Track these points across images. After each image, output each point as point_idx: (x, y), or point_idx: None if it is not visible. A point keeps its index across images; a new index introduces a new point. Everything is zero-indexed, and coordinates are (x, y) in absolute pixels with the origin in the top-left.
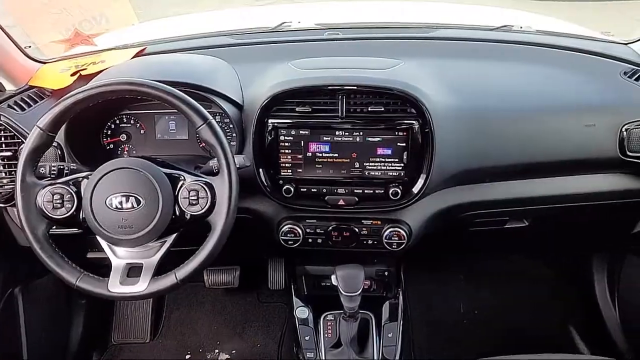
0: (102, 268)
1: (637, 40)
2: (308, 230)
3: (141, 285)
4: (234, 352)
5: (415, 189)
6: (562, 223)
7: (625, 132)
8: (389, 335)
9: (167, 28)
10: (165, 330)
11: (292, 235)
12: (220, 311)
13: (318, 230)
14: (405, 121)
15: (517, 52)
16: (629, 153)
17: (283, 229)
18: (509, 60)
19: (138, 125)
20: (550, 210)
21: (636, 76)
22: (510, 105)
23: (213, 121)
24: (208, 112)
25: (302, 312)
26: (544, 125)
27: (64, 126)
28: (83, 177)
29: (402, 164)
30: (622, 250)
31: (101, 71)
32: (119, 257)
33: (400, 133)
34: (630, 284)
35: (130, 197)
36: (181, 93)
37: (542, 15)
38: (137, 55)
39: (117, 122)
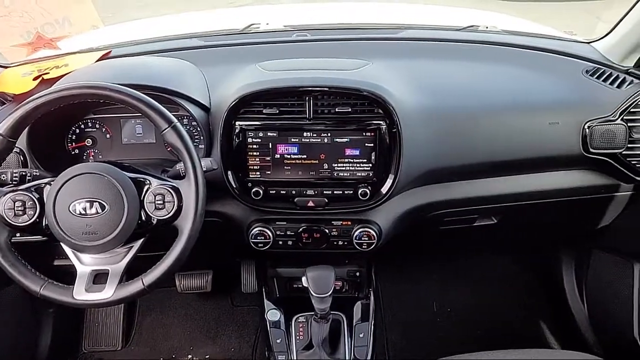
0: (70, 275)
1: (599, 39)
2: (278, 233)
3: (107, 292)
4: (207, 357)
5: (384, 189)
6: (530, 220)
7: (587, 130)
8: (361, 335)
9: (133, 31)
10: (137, 336)
11: (262, 237)
12: (193, 316)
13: (288, 232)
14: (373, 122)
15: (483, 52)
16: (591, 150)
17: (253, 232)
18: (475, 60)
19: (104, 129)
20: (517, 207)
21: (597, 74)
22: (476, 104)
23: (178, 124)
24: (174, 115)
25: (273, 314)
26: (509, 124)
27: (26, 131)
28: (46, 184)
29: (371, 165)
30: (588, 245)
31: (64, 75)
32: (84, 263)
33: (368, 133)
34: (597, 278)
35: (95, 203)
36: (145, 96)
37: (508, 16)
38: (101, 58)
39: (82, 126)
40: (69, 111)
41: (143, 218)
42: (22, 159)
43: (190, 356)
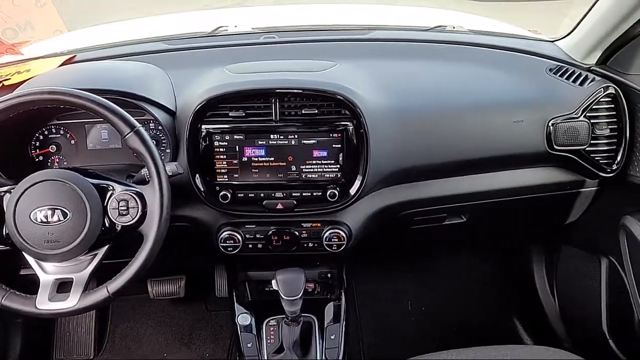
0: (35, 285)
1: (562, 38)
2: (247, 236)
3: (71, 301)
4: None
5: (352, 190)
6: (498, 217)
7: (551, 127)
8: (332, 337)
9: (98, 35)
10: (110, 345)
11: (232, 241)
12: (166, 322)
13: (258, 236)
14: (340, 123)
15: (450, 52)
16: (556, 147)
17: (222, 236)
18: (442, 60)
19: (68, 135)
20: (485, 205)
21: (561, 72)
22: (442, 104)
23: (141, 129)
24: (139, 120)
25: (244, 318)
26: (475, 123)
27: None
28: (5, 192)
29: (338, 166)
30: (558, 241)
31: (26, 80)
32: (48, 272)
33: (335, 135)
34: (567, 273)
35: (56, 210)
36: (106, 101)
37: (476, 16)
38: (65, 63)
39: (46, 132)
40: (31, 117)
41: (107, 225)
42: None
43: None
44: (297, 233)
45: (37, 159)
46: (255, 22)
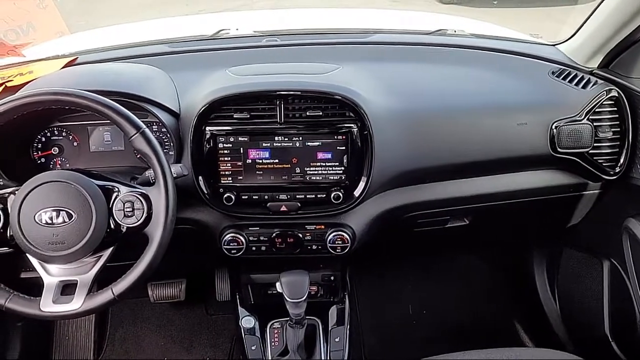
0: (38, 287)
1: (563, 42)
2: (251, 238)
3: (76, 303)
4: None
5: (357, 192)
6: (501, 220)
7: (555, 130)
8: (336, 339)
9: (100, 38)
10: (110, 348)
11: (235, 244)
12: (166, 326)
13: (261, 238)
14: (344, 125)
15: (452, 55)
16: (559, 149)
17: (226, 238)
18: (444, 63)
19: (70, 137)
20: (488, 208)
21: (563, 75)
22: (446, 106)
23: (147, 130)
24: (143, 121)
25: (247, 321)
26: (479, 125)
27: None
28: (9, 193)
29: (343, 168)
30: (559, 244)
31: (28, 82)
32: (52, 274)
33: (340, 137)
34: (568, 276)
35: (61, 212)
36: (112, 102)
37: (476, 20)
38: (67, 65)
39: (48, 134)
40: (34, 119)
41: (112, 226)
42: None
43: None
44: (300, 235)
45: (39, 161)
46: (257, 25)
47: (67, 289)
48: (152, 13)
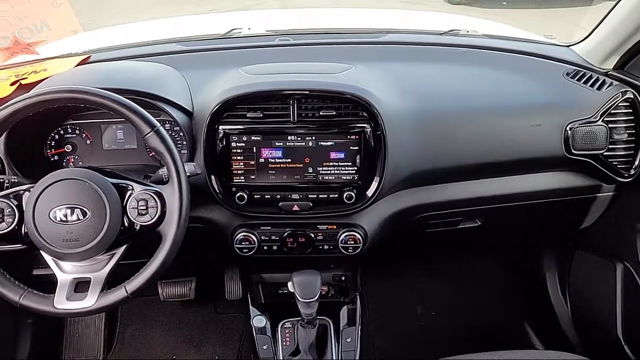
0: (50, 285)
1: (578, 43)
2: (263, 238)
3: (89, 300)
4: None
5: (369, 192)
6: (513, 221)
7: (569, 131)
8: (348, 340)
9: (113, 36)
10: (119, 346)
11: (247, 243)
12: (176, 324)
13: (273, 237)
14: (357, 125)
15: (465, 55)
16: (573, 151)
17: (237, 237)
18: (457, 63)
19: (84, 135)
20: (501, 209)
21: (578, 76)
22: (459, 106)
23: (161, 128)
24: (157, 120)
25: (259, 320)
26: (492, 126)
27: (3, 137)
28: (25, 190)
29: (356, 168)
30: (571, 246)
31: (43, 80)
32: (65, 272)
33: (353, 137)
34: (580, 279)
35: (76, 209)
36: (127, 100)
37: (488, 20)
38: (80, 63)
39: (62, 132)
40: (47, 117)
41: (126, 224)
42: None
43: None
44: (312, 235)
45: (52, 159)
46: (269, 24)
47: (80, 286)
48: (163, 12)
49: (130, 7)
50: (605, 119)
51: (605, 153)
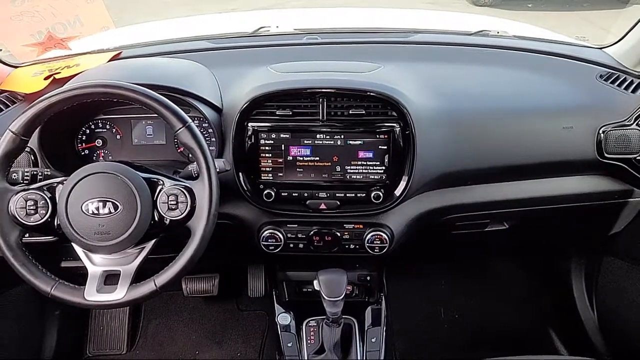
0: (77, 277)
1: (611, 45)
2: (289, 235)
3: (119, 293)
4: None
5: (397, 192)
6: (541, 225)
7: (602, 134)
8: (373, 340)
9: (143, 33)
10: (143, 340)
11: (273, 240)
12: (198, 320)
13: (299, 235)
14: (386, 124)
15: (495, 56)
16: (606, 155)
17: (264, 235)
18: (487, 64)
19: (114, 130)
20: (529, 213)
21: (612, 79)
22: (490, 107)
23: (192, 124)
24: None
25: (284, 318)
26: (523, 128)
27: (37, 130)
28: (58, 183)
29: (384, 167)
30: (599, 251)
31: (75, 75)
32: (96, 264)
33: (382, 136)
34: (607, 285)
35: (108, 203)
36: (159, 95)
37: (518, 22)
38: (112, 59)
39: (92, 127)
40: (79, 111)
41: (156, 218)
42: (32, 158)
43: None
44: (338, 234)
45: (82, 153)
46: (297, 23)
47: (109, 279)
48: (186, 10)
49: (151, 5)
50: (639, 122)
51: (638, 157)
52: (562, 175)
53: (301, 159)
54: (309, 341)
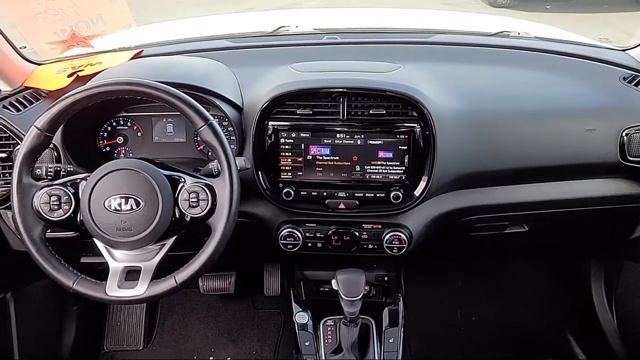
0: (97, 273)
1: (635, 47)
2: (308, 235)
3: (140, 289)
4: (228, 359)
5: (417, 192)
6: (562, 228)
7: (625, 137)
8: (390, 340)
9: (164, 31)
10: (159, 337)
11: (292, 239)
12: (214, 318)
13: (318, 235)
14: (407, 124)
15: (516, 57)
16: (629, 158)
17: (282, 233)
18: (509, 65)
19: (135, 127)
20: (550, 215)
21: (635, 81)
22: (511, 108)
23: (214, 122)
24: None
25: (301, 317)
26: (544, 129)
27: (60, 128)
28: (81, 179)
29: (404, 167)
30: (620, 256)
31: (98, 72)
32: (117, 260)
33: (402, 136)
34: (628, 290)
35: (130, 199)
36: (182, 93)
37: (538, 23)
38: (134, 57)
39: (114, 124)
40: (101, 109)
41: (177, 215)
42: (55, 154)
43: (211, 358)
44: (357, 234)
45: (104, 150)
46: (316, 23)
47: (130, 275)
48: (200, 10)
49: (164, 4)
50: None
51: None
52: (583, 178)
53: (321, 158)
54: (326, 340)
